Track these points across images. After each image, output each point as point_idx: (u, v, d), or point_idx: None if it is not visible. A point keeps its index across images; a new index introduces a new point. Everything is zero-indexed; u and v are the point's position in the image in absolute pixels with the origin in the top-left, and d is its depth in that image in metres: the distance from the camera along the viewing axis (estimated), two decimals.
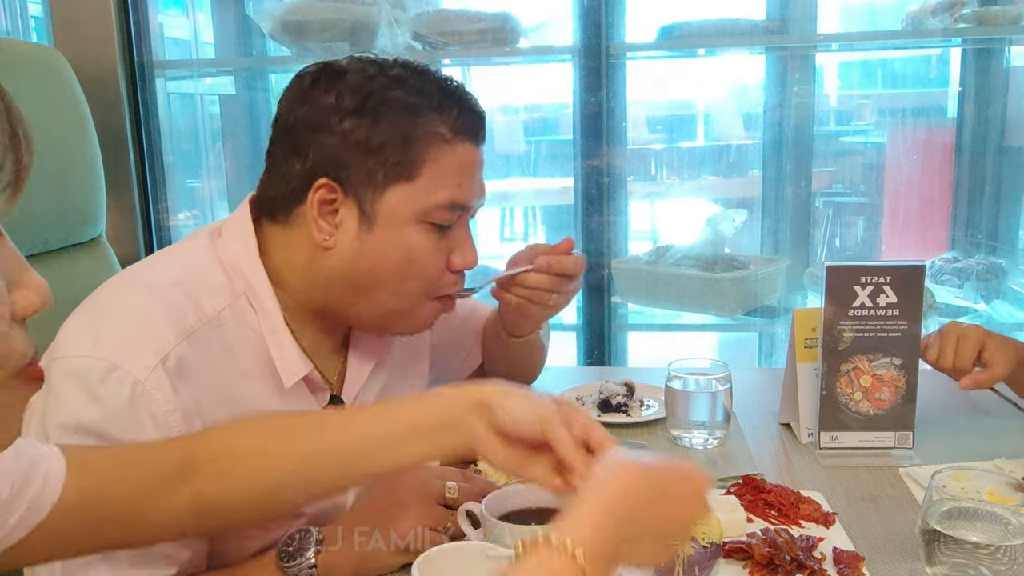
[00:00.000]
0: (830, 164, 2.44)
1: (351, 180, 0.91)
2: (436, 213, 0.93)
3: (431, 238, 0.94)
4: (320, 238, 0.93)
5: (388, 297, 0.95)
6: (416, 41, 2.12)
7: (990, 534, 0.84)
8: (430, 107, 0.92)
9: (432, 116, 0.92)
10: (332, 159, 0.91)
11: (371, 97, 0.91)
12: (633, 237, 2.44)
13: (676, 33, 2.11)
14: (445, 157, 0.92)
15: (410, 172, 0.91)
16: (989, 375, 1.16)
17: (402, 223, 0.92)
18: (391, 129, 0.91)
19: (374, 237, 0.92)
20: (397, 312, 0.98)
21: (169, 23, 2.35)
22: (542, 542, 0.60)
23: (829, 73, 2.56)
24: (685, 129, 2.75)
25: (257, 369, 0.93)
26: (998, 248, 2.26)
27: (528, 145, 2.72)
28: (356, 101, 0.91)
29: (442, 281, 0.98)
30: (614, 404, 1.37)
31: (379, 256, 0.93)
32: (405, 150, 0.91)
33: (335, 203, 0.92)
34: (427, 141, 0.91)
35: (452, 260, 0.97)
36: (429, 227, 0.94)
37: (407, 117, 0.91)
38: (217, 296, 0.91)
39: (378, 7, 2.07)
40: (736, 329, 2.39)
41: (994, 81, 2.23)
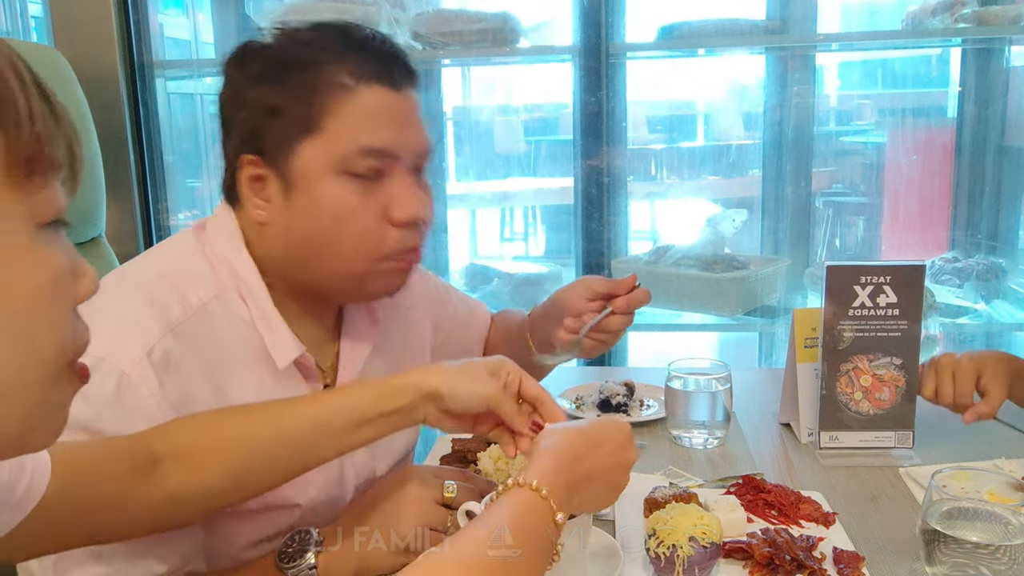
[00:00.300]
0: (830, 164, 2.44)
1: (268, 149, 0.91)
2: (350, 162, 0.90)
3: (355, 192, 0.91)
4: (256, 215, 0.93)
5: (334, 262, 0.93)
6: (416, 41, 2.13)
7: (990, 534, 0.84)
8: (329, 58, 0.91)
9: (331, 67, 0.90)
10: (249, 132, 0.91)
11: (272, 61, 0.91)
12: (633, 237, 2.44)
13: (676, 33, 2.11)
14: (349, 104, 0.90)
15: (314, 125, 0.90)
16: (989, 406, 1.15)
17: (317, 180, 0.90)
18: (291, 87, 0.90)
19: (296, 202, 0.91)
20: (351, 276, 0.94)
21: (169, 23, 2.35)
22: (512, 484, 0.75)
23: (829, 73, 2.56)
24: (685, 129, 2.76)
25: (248, 358, 0.93)
26: (998, 248, 2.26)
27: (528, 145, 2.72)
28: (260, 68, 0.91)
29: (386, 238, 0.93)
30: (614, 404, 1.37)
31: (306, 220, 0.91)
32: (306, 104, 0.90)
33: (262, 178, 0.92)
34: (327, 91, 0.90)
35: (392, 214, 0.93)
36: (349, 179, 0.91)
37: (305, 72, 0.90)
38: (203, 287, 0.92)
39: (378, 7, 2.08)
40: (736, 329, 2.39)
41: (994, 81, 2.23)
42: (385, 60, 0.93)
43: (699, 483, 1.12)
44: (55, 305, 0.50)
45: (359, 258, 0.93)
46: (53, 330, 0.50)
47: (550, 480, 0.76)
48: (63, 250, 0.51)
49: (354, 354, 1.05)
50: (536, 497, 0.74)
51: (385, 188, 0.92)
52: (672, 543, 0.85)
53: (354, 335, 1.06)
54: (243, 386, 0.92)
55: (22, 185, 0.48)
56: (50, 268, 0.49)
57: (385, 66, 0.93)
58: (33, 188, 0.48)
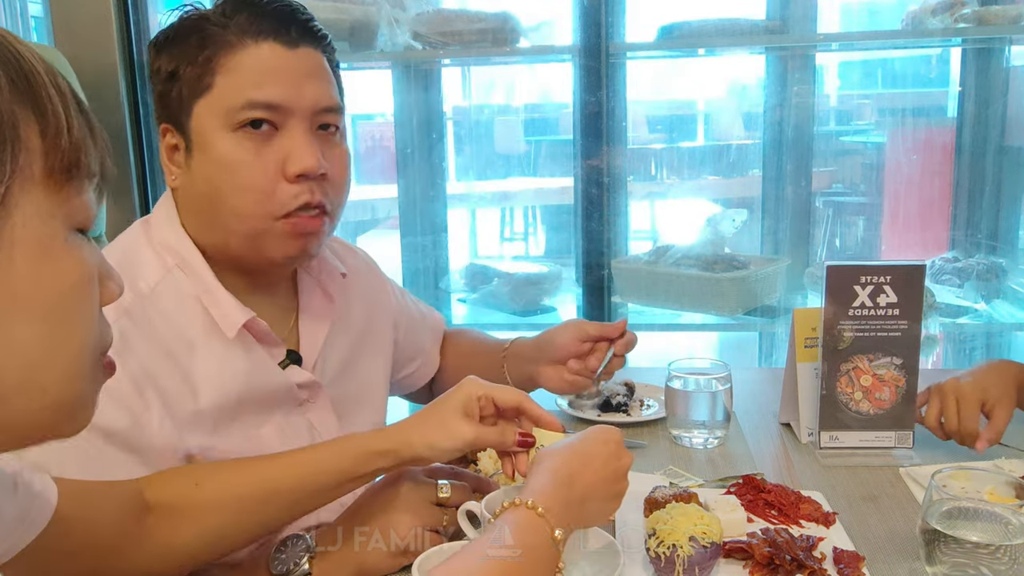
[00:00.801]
0: (830, 164, 2.44)
1: (172, 115, 0.95)
2: (237, 115, 0.91)
3: (245, 147, 0.92)
4: (170, 181, 0.97)
5: (232, 220, 0.93)
6: (416, 41, 2.13)
7: (990, 534, 0.84)
8: (220, 20, 0.93)
9: (218, 28, 0.93)
10: (158, 102, 0.96)
11: (172, 30, 0.95)
12: (633, 237, 2.44)
13: (676, 33, 2.11)
14: (235, 60, 0.92)
15: (205, 83, 0.92)
16: (994, 431, 1.14)
17: (212, 137, 0.92)
18: (185, 50, 0.93)
19: (195, 161, 0.94)
20: (250, 236, 0.94)
21: None
22: (509, 505, 0.78)
23: (829, 73, 2.56)
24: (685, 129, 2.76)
25: (203, 334, 0.94)
26: (998, 248, 2.26)
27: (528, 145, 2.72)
28: (163, 38, 0.95)
29: (280, 193, 0.93)
30: (614, 404, 1.37)
31: (204, 178, 0.94)
32: (197, 65, 0.92)
33: (176, 145, 0.96)
34: (215, 50, 0.92)
35: (287, 168, 0.93)
36: (242, 136, 0.92)
37: (194, 34, 0.93)
38: (148, 272, 0.94)
39: (378, 7, 2.07)
40: (736, 329, 2.39)
41: (994, 81, 2.23)
42: (276, 17, 0.94)
43: (699, 483, 1.12)
44: (86, 304, 0.53)
45: (254, 215, 0.93)
46: (84, 326, 0.53)
47: (546, 499, 0.78)
48: (92, 252, 0.54)
49: (314, 333, 1.06)
50: (533, 515, 0.77)
51: (279, 143, 0.93)
52: (672, 543, 0.85)
53: (311, 313, 1.07)
54: (204, 360, 0.93)
55: (61, 189, 0.51)
56: (83, 268, 0.52)
57: (276, 23, 0.94)
58: (70, 193, 0.51)
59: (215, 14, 0.94)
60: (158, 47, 0.96)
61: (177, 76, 0.93)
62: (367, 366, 1.16)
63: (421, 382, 1.37)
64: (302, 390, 1.02)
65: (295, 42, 0.94)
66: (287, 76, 0.93)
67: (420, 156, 2.41)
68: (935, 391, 1.19)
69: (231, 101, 0.91)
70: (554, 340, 1.26)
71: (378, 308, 1.22)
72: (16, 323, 0.49)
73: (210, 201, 0.94)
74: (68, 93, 0.52)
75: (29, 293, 0.49)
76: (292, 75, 0.93)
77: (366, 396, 1.15)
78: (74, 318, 0.52)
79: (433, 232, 2.45)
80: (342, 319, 1.11)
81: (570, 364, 1.25)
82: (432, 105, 2.43)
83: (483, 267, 2.51)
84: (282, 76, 0.93)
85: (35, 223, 0.49)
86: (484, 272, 2.48)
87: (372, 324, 1.19)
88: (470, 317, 2.41)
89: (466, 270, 2.52)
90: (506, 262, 2.93)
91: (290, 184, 0.93)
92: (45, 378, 0.51)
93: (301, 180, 0.93)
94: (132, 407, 0.86)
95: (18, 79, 0.49)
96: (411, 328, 1.31)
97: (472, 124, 2.66)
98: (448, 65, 2.46)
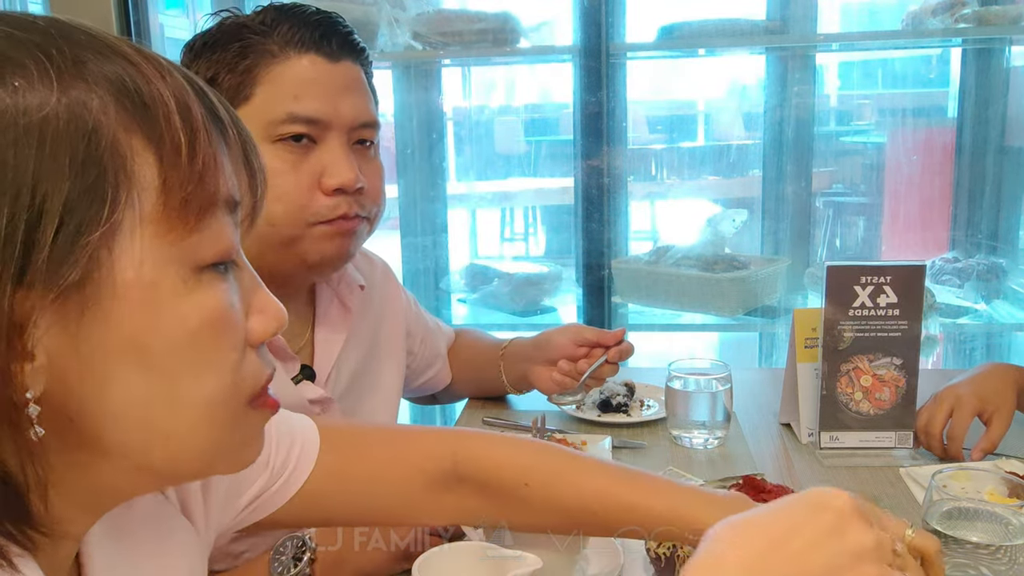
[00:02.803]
0: (830, 164, 2.44)
1: None
2: (278, 128, 0.91)
3: (284, 159, 0.92)
4: None
5: (265, 228, 0.93)
6: (416, 41, 2.13)
7: (990, 534, 0.84)
8: (261, 28, 0.92)
9: (260, 37, 0.92)
10: None
11: (210, 36, 0.93)
12: (633, 237, 2.44)
13: (676, 33, 2.11)
14: (277, 72, 0.91)
15: (246, 93, 0.91)
16: (991, 440, 1.13)
17: None
18: (224, 58, 0.92)
19: None
20: (284, 243, 0.94)
21: (169, 23, 2.35)
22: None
23: (829, 73, 2.56)
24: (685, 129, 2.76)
25: None
26: (998, 248, 2.26)
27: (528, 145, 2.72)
28: (199, 45, 0.94)
29: (317, 204, 0.94)
30: (614, 404, 1.37)
31: None
32: (237, 74, 0.91)
33: None
34: (256, 60, 0.91)
35: (324, 181, 0.93)
36: (281, 147, 0.92)
37: (235, 41, 0.92)
38: None
39: (378, 7, 2.07)
40: (736, 329, 2.39)
41: (994, 81, 2.23)
42: (318, 29, 0.94)
43: (700, 483, 1.12)
44: (214, 347, 0.47)
45: (289, 222, 0.93)
46: (212, 372, 0.47)
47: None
48: (225, 291, 0.47)
49: (329, 344, 1.06)
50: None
51: (317, 156, 0.93)
52: (672, 543, 0.85)
53: (328, 324, 1.07)
54: None
55: (184, 226, 0.45)
56: (208, 312, 0.46)
57: (318, 35, 0.93)
58: (197, 227, 0.45)
59: (256, 22, 0.93)
60: (195, 52, 0.94)
61: (215, 83, 0.91)
62: (379, 377, 1.16)
63: (437, 388, 1.37)
64: (314, 405, 1.02)
65: (336, 55, 0.94)
66: (327, 90, 0.93)
67: (420, 156, 2.41)
68: (932, 398, 1.19)
69: (272, 113, 0.91)
70: (551, 340, 1.27)
71: (391, 317, 1.22)
72: (131, 372, 0.44)
73: None
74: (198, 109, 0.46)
75: (143, 341, 0.44)
76: (332, 89, 0.93)
77: (378, 407, 1.14)
78: (198, 365, 0.46)
79: (433, 232, 2.45)
80: (357, 330, 1.11)
81: (560, 364, 1.25)
82: (432, 105, 2.43)
83: (483, 267, 2.51)
84: (323, 90, 0.93)
85: (147, 267, 0.44)
86: (484, 272, 2.48)
87: (385, 333, 1.19)
88: (470, 317, 2.41)
89: (466, 270, 2.52)
90: (506, 262, 2.93)
91: (327, 196, 0.93)
92: (168, 427, 0.46)
93: (338, 194, 0.93)
94: None
95: (128, 98, 0.43)
96: (426, 338, 1.31)
97: (472, 124, 2.65)
98: (448, 65, 2.46)
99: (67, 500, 0.47)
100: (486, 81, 2.71)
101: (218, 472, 0.54)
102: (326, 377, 1.05)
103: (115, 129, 0.43)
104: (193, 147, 0.45)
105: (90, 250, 0.42)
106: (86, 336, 0.43)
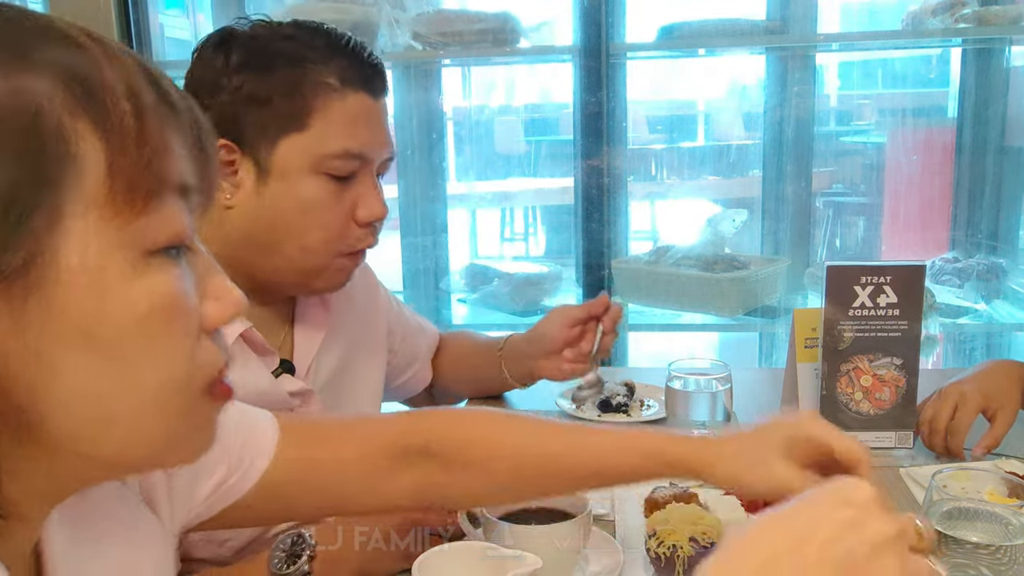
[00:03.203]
0: (830, 164, 2.44)
1: (245, 136, 0.94)
2: (330, 163, 0.94)
3: (329, 190, 0.95)
4: (222, 198, 0.96)
5: (294, 252, 0.96)
6: (416, 41, 2.13)
7: (990, 534, 0.84)
8: (318, 58, 0.94)
9: (319, 67, 0.93)
10: (227, 118, 0.93)
11: (258, 51, 0.94)
12: (633, 237, 2.44)
13: (676, 33, 2.11)
14: (335, 106, 0.93)
15: (300, 122, 0.93)
16: (995, 436, 1.12)
17: (296, 174, 0.93)
18: (279, 80, 0.92)
19: (270, 190, 0.94)
20: (307, 270, 0.98)
21: (169, 23, 2.35)
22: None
23: (829, 73, 2.56)
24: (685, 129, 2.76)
25: None
26: (998, 248, 2.26)
27: (528, 145, 2.72)
28: (243, 56, 0.93)
29: (349, 235, 0.98)
30: (614, 404, 1.37)
31: (276, 209, 0.94)
32: (293, 100, 0.92)
33: (234, 163, 0.95)
34: (315, 91, 0.93)
35: (358, 214, 0.97)
36: (326, 179, 0.94)
37: (293, 67, 0.93)
38: None
39: (378, 7, 2.07)
40: (736, 329, 2.39)
41: (994, 81, 2.23)
42: (368, 68, 0.97)
43: (699, 483, 1.12)
44: (163, 334, 0.46)
45: (321, 252, 0.97)
46: (162, 358, 0.46)
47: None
48: (177, 276, 0.47)
49: (308, 339, 1.08)
50: None
51: (354, 189, 0.97)
52: (672, 543, 0.85)
53: (307, 322, 1.08)
54: None
55: (132, 210, 0.44)
56: (158, 297, 0.45)
57: (368, 74, 0.97)
58: (146, 211, 0.44)
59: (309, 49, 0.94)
60: (242, 64, 0.93)
61: (266, 104, 0.92)
62: (360, 371, 1.17)
63: (418, 389, 1.37)
64: (294, 397, 1.03)
65: (377, 93, 0.98)
66: (373, 127, 0.97)
67: (420, 156, 2.41)
68: (936, 394, 1.18)
69: (327, 147, 0.93)
70: (545, 332, 1.27)
71: (372, 314, 1.23)
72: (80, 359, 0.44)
73: (275, 230, 0.95)
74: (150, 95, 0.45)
75: (91, 327, 0.43)
76: (376, 126, 0.98)
77: (360, 401, 1.15)
78: (149, 351, 0.45)
79: (433, 232, 2.45)
80: (337, 326, 1.12)
81: (565, 354, 1.25)
82: (432, 105, 2.43)
83: (483, 267, 2.51)
84: (370, 127, 0.97)
85: (93, 252, 0.43)
86: (484, 272, 2.48)
87: (366, 329, 1.20)
88: (470, 318, 2.41)
89: (466, 270, 2.52)
90: (506, 262, 2.93)
91: (359, 227, 0.97)
92: (118, 415, 0.46)
93: (368, 225, 0.98)
94: None
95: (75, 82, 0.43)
96: (407, 336, 1.32)
97: (472, 124, 2.66)
98: (448, 65, 2.46)
99: (21, 486, 0.46)
100: (486, 81, 2.72)
101: (171, 463, 0.53)
102: (306, 371, 1.06)
103: (60, 114, 0.42)
104: (141, 132, 0.44)
105: (34, 235, 0.41)
106: (31, 322, 0.42)
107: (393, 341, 1.28)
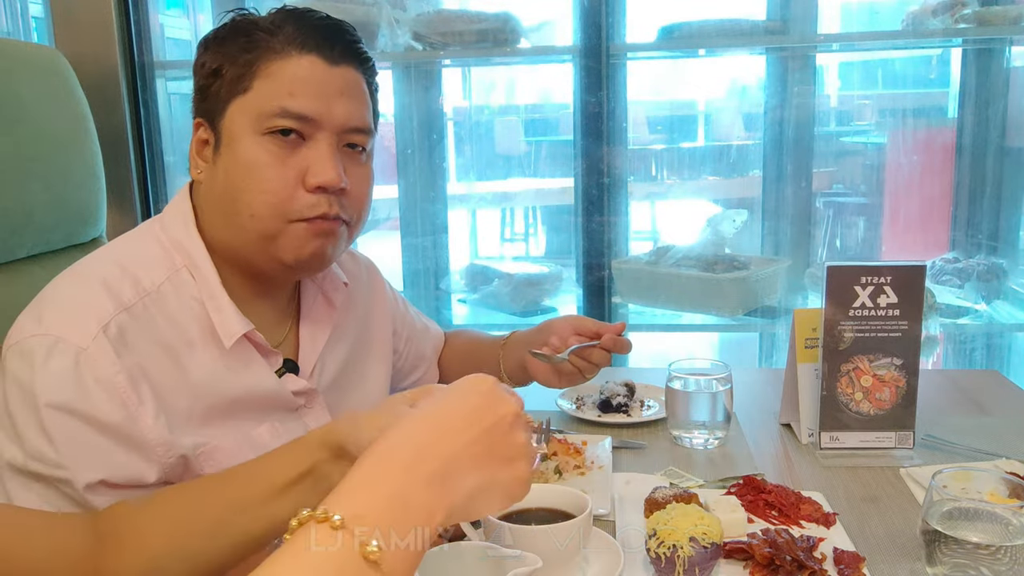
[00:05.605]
0: (830, 164, 2.44)
1: (208, 110, 0.96)
2: (268, 121, 0.93)
3: (270, 151, 0.93)
4: (195, 174, 0.98)
5: (247, 220, 0.94)
6: (416, 41, 2.13)
7: (991, 534, 0.84)
8: (269, 27, 0.95)
9: (265, 34, 0.95)
10: (198, 96, 0.98)
11: (222, 30, 0.97)
12: (633, 237, 2.44)
13: (676, 33, 2.11)
14: (275, 66, 0.94)
15: (244, 86, 0.94)
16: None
17: (240, 137, 0.94)
18: (229, 51, 0.95)
19: (221, 157, 0.95)
20: (263, 237, 0.95)
21: (169, 23, 2.35)
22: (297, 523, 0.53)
23: (829, 73, 2.56)
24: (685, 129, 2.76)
25: (202, 336, 0.95)
26: (998, 248, 2.26)
27: (528, 145, 2.72)
28: (211, 36, 0.98)
29: (298, 200, 0.95)
30: (614, 404, 1.37)
31: (226, 174, 0.95)
32: (240, 67, 0.94)
33: (208, 140, 0.97)
34: (259, 55, 0.94)
35: (307, 179, 0.95)
36: (268, 140, 0.94)
37: (242, 36, 0.95)
38: (155, 270, 0.95)
39: (378, 7, 2.08)
40: (736, 329, 2.39)
41: (994, 81, 2.23)
42: (323, 33, 0.96)
43: (699, 483, 1.12)
44: None
45: (267, 216, 0.94)
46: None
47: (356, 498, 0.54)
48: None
49: (313, 338, 1.07)
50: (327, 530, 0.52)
51: (304, 153, 0.95)
52: (673, 543, 0.85)
53: (312, 318, 1.08)
54: (201, 362, 0.94)
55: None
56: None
57: (321, 38, 0.96)
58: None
59: (266, 21, 0.96)
60: (207, 44, 0.98)
61: (219, 74, 0.95)
62: (365, 370, 1.17)
63: None
64: (298, 397, 1.03)
65: (336, 60, 0.96)
66: (322, 90, 0.95)
67: (420, 157, 2.42)
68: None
69: (265, 106, 0.93)
70: (551, 325, 1.27)
71: (378, 315, 1.23)
72: None
73: (229, 199, 0.95)
74: None
75: None
76: (327, 90, 0.95)
77: (365, 400, 1.15)
78: None
79: (434, 233, 2.45)
80: (341, 325, 1.12)
81: (552, 340, 1.23)
82: (432, 106, 2.43)
83: (483, 268, 2.51)
84: (317, 90, 0.95)
85: None
86: (484, 273, 2.48)
87: (371, 328, 1.20)
88: (470, 318, 2.41)
89: (466, 271, 2.52)
90: (506, 263, 2.93)
91: (308, 193, 0.95)
92: None
93: (319, 192, 0.95)
94: (127, 401, 0.87)
95: None
96: (412, 337, 1.32)
97: (472, 124, 2.66)
98: (448, 66, 2.46)
99: None
100: (486, 81, 2.72)
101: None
102: (310, 371, 1.06)
103: None
104: None
105: None
106: None
107: (398, 342, 1.28)
